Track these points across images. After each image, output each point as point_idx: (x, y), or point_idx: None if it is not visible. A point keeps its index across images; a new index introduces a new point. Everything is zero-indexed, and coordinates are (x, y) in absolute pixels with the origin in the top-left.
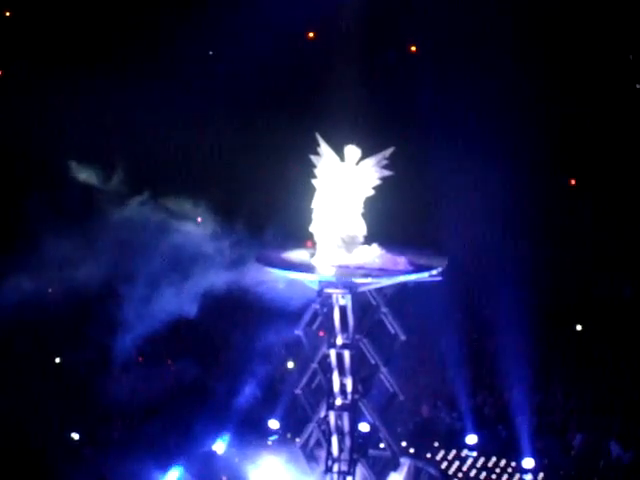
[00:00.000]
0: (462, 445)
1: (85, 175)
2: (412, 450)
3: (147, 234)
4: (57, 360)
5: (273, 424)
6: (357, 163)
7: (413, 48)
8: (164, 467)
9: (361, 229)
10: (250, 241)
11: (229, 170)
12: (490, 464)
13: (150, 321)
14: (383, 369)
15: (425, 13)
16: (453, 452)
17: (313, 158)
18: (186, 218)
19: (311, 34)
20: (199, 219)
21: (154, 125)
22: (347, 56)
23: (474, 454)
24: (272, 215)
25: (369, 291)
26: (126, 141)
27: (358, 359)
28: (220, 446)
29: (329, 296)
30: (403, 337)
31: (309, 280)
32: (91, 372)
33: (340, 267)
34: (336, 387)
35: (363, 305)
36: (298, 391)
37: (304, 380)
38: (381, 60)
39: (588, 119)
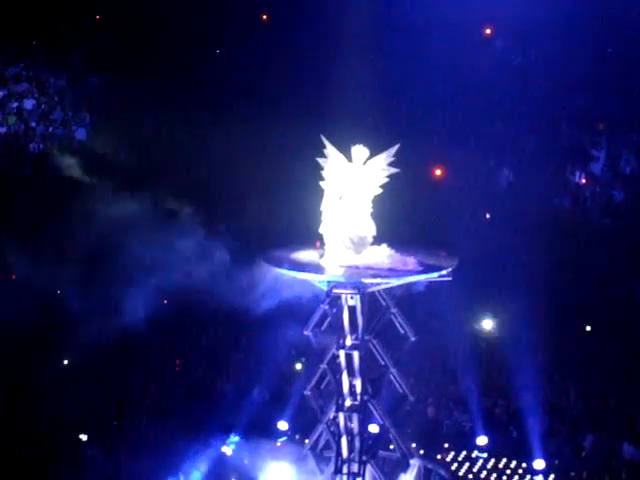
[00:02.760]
0: (472, 446)
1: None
2: (422, 451)
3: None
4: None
5: (282, 425)
6: (364, 162)
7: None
8: (173, 469)
9: (370, 229)
10: (256, 242)
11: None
12: (501, 465)
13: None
14: (393, 370)
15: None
16: (463, 453)
17: (320, 160)
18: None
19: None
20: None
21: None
22: (354, 54)
23: (484, 455)
24: (278, 216)
25: (378, 291)
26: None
27: (367, 360)
28: (229, 448)
29: (338, 297)
30: (413, 338)
31: (318, 280)
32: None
33: (349, 267)
34: (345, 388)
35: (372, 306)
36: (307, 392)
37: (313, 381)
38: (389, 58)
39: (597, 118)
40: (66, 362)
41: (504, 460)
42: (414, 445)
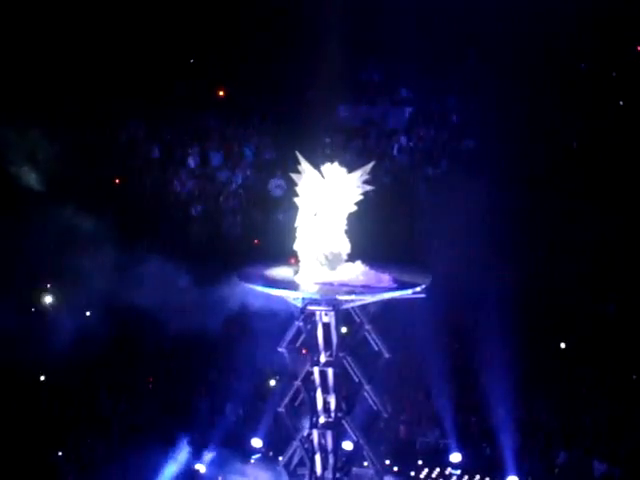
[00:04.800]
0: (446, 463)
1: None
2: (396, 468)
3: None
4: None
5: (256, 442)
6: (338, 180)
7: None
8: None
9: (344, 246)
10: (232, 257)
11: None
12: None
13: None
14: (367, 387)
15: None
16: (437, 470)
17: (294, 176)
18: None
19: None
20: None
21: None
22: (328, 71)
23: (458, 472)
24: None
25: (353, 308)
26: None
27: (342, 377)
28: (202, 465)
29: (312, 313)
30: (387, 355)
31: (292, 297)
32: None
33: (324, 284)
34: (319, 405)
35: (347, 322)
36: (281, 409)
37: (287, 398)
38: (363, 75)
39: (574, 136)
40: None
41: (477, 477)
42: (388, 462)
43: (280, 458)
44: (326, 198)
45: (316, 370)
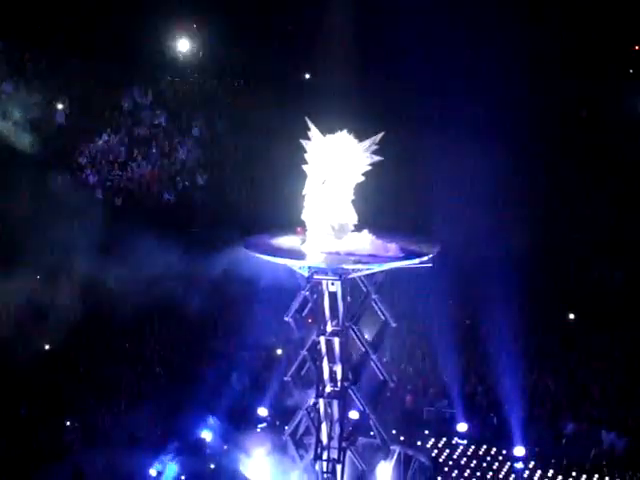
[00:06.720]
0: (452, 433)
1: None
2: (402, 438)
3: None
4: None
5: (262, 412)
6: (347, 148)
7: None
8: (152, 456)
9: (351, 216)
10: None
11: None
12: (481, 452)
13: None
14: (373, 356)
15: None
16: (444, 440)
17: (303, 142)
18: None
19: None
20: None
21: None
22: (339, 41)
23: (465, 442)
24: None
25: (359, 278)
26: None
27: (348, 346)
28: (209, 434)
29: (319, 283)
30: (393, 324)
31: (299, 266)
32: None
33: (330, 254)
34: (326, 374)
35: (353, 292)
36: (287, 378)
37: (293, 367)
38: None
39: (585, 104)
40: (47, 347)
41: (484, 447)
42: (394, 431)
43: (286, 427)
44: (334, 166)
45: (322, 339)
